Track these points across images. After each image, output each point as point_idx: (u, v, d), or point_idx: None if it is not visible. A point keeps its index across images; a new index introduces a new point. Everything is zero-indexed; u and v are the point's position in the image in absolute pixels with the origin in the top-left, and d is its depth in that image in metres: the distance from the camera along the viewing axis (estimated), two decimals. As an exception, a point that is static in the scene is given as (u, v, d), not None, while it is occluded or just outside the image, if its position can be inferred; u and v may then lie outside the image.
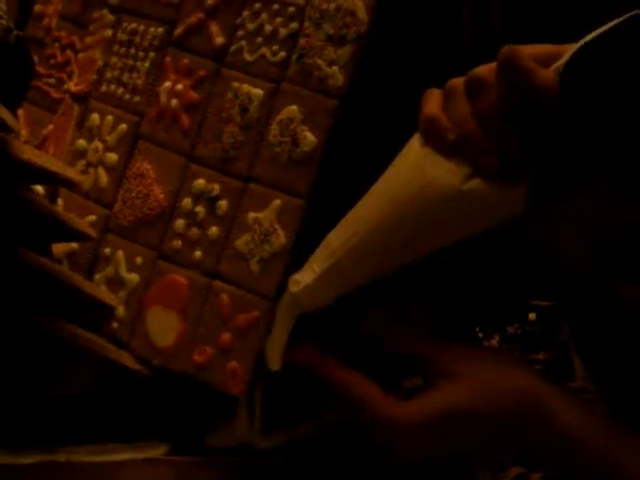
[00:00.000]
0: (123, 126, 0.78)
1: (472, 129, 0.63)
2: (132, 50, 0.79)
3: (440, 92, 0.66)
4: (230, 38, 0.76)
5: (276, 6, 0.74)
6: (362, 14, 0.71)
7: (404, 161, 0.67)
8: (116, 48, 0.80)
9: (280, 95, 0.73)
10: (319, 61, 0.72)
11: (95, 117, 0.80)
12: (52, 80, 0.84)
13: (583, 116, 0.59)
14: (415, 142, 0.67)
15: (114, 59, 0.80)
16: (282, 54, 0.74)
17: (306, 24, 0.73)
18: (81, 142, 0.80)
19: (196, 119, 0.76)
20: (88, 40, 0.82)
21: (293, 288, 0.70)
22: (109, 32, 0.80)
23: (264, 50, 0.74)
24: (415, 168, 0.66)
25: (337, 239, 0.69)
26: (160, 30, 0.78)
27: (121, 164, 0.78)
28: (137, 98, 0.78)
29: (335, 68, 0.71)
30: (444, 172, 0.64)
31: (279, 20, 0.74)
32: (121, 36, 0.80)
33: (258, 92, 0.74)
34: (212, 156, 0.75)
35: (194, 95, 0.76)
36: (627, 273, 0.64)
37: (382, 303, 0.71)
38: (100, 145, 0.79)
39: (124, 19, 0.80)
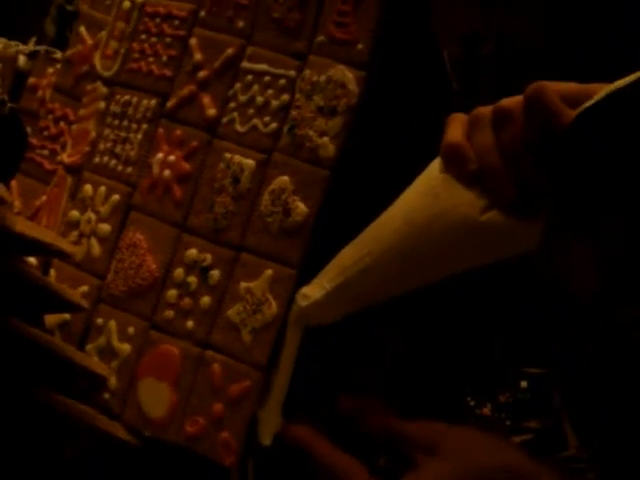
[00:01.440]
0: (116, 197, 0.79)
1: (494, 161, 0.62)
2: (125, 122, 0.80)
3: (465, 118, 0.65)
4: (222, 110, 0.77)
5: (267, 78, 0.75)
6: (352, 86, 0.72)
7: (422, 185, 0.67)
8: (109, 120, 0.81)
9: (272, 166, 0.74)
10: (310, 132, 0.73)
11: (88, 188, 0.80)
12: (45, 152, 0.85)
13: (600, 159, 0.59)
14: (435, 167, 0.66)
15: (107, 131, 0.81)
16: (274, 125, 0.75)
17: (297, 96, 0.74)
18: (74, 213, 0.80)
19: (188, 190, 0.77)
20: (81, 112, 0.83)
21: (302, 302, 0.71)
22: (102, 104, 0.81)
23: (256, 121, 0.75)
24: (433, 194, 0.65)
25: (350, 257, 0.69)
26: (153, 102, 0.79)
27: (114, 235, 0.79)
28: (130, 169, 0.79)
29: (326, 139, 0.72)
30: (462, 201, 0.64)
31: (270, 92, 0.75)
32: (114, 108, 0.81)
33: (250, 163, 0.75)
34: (204, 226, 0.76)
35: (186, 166, 0.77)
36: None
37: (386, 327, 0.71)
38: (93, 216, 0.79)
39: (117, 91, 0.81)
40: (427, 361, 0.77)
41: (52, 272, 0.80)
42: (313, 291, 0.70)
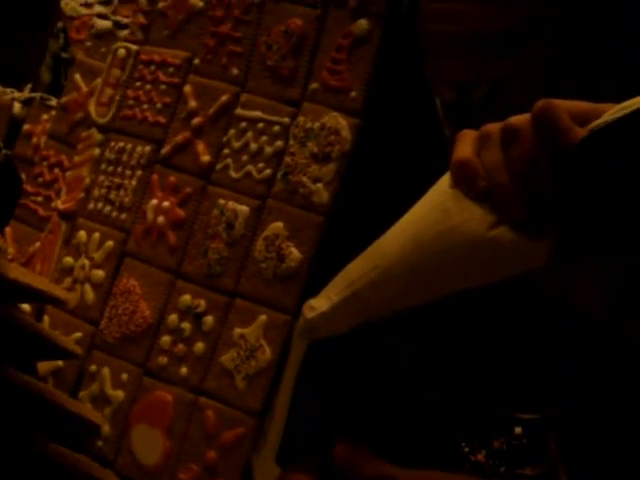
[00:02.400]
0: (110, 243, 0.79)
1: (503, 178, 0.62)
2: (119, 168, 0.80)
3: (475, 135, 0.65)
4: (216, 156, 0.77)
5: (261, 125, 0.76)
6: (346, 133, 0.72)
7: (431, 200, 0.66)
8: (104, 166, 0.81)
9: (266, 212, 0.74)
10: (304, 178, 0.73)
11: (82, 234, 0.80)
12: (40, 198, 0.85)
13: (609, 179, 0.58)
14: (444, 183, 0.66)
15: (101, 177, 0.81)
16: (267, 172, 0.75)
17: (291, 142, 0.74)
18: (68, 259, 0.80)
19: (182, 236, 0.77)
20: (76, 159, 0.83)
21: (308, 314, 0.70)
22: (97, 151, 0.82)
23: (250, 168, 0.76)
24: (441, 209, 0.65)
25: (357, 270, 0.69)
26: (147, 148, 0.80)
27: (108, 281, 0.79)
28: (124, 215, 0.79)
29: (320, 185, 0.73)
30: (471, 217, 0.63)
31: (264, 138, 0.76)
32: (109, 155, 0.81)
33: (244, 209, 0.75)
34: (198, 272, 0.76)
35: (180, 212, 0.77)
36: None
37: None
38: (87, 262, 0.79)
39: (112, 138, 0.81)
40: (422, 405, 0.77)
41: (46, 318, 0.80)
42: (320, 303, 0.70)
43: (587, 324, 0.67)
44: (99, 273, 0.79)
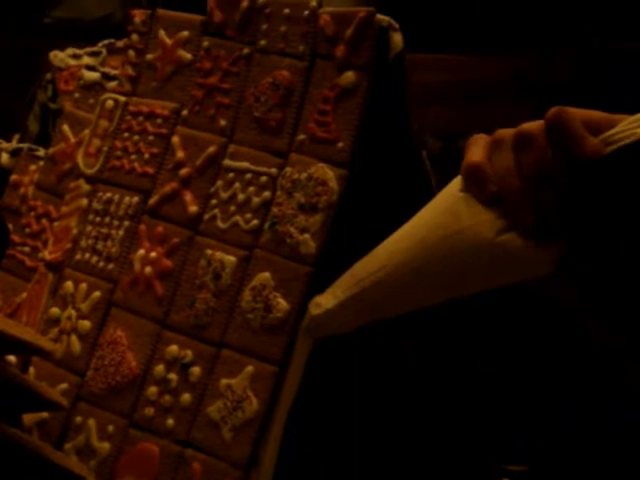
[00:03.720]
0: (97, 294, 0.79)
1: (514, 184, 0.62)
2: (107, 219, 0.80)
3: (487, 139, 0.65)
4: (204, 206, 0.77)
5: (249, 175, 0.76)
6: (333, 184, 0.73)
7: (441, 202, 0.67)
8: (91, 217, 0.81)
9: (253, 262, 0.74)
10: (291, 229, 0.73)
11: (69, 285, 0.80)
12: (27, 249, 0.85)
13: (623, 196, 0.59)
14: (454, 186, 0.66)
15: (89, 228, 0.81)
16: (255, 222, 0.75)
17: (278, 193, 0.75)
18: (54, 310, 0.80)
19: (169, 286, 0.77)
20: (64, 209, 0.83)
21: (314, 311, 0.71)
22: (84, 201, 0.82)
23: (237, 218, 0.76)
24: (451, 212, 0.65)
25: (364, 269, 0.69)
26: (135, 199, 0.80)
27: (94, 331, 0.78)
28: (111, 266, 0.79)
29: (307, 235, 0.73)
30: (480, 220, 0.64)
31: (252, 189, 0.76)
32: (96, 205, 0.81)
33: (231, 259, 0.75)
34: (185, 322, 0.76)
35: (168, 263, 0.77)
36: None
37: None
38: (73, 313, 0.79)
39: (99, 189, 0.81)
40: (411, 457, 0.76)
41: (31, 370, 0.79)
42: (326, 300, 0.70)
43: (588, 354, 0.67)
44: (85, 324, 0.79)
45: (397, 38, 0.73)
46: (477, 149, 0.65)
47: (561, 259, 0.62)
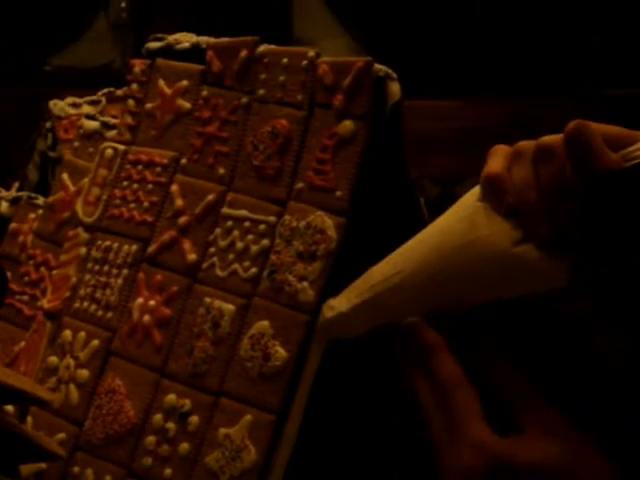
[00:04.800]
0: (95, 342, 0.79)
1: (531, 196, 0.62)
2: (105, 267, 0.80)
3: (507, 150, 0.65)
4: (202, 255, 0.77)
5: (247, 224, 0.76)
6: (332, 232, 0.73)
7: (459, 211, 0.67)
8: (90, 265, 0.81)
9: (251, 310, 0.74)
10: (290, 277, 0.73)
11: (67, 334, 0.80)
12: (25, 297, 0.85)
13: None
14: (473, 195, 0.67)
15: (87, 276, 0.81)
16: (253, 270, 0.75)
17: (277, 241, 0.75)
18: (53, 359, 0.80)
19: (168, 335, 0.76)
20: (62, 257, 0.83)
21: (327, 313, 0.71)
22: (83, 250, 0.82)
23: (236, 266, 0.76)
24: (468, 221, 0.66)
25: (380, 274, 0.69)
26: (134, 247, 0.80)
27: (92, 380, 0.78)
28: (110, 314, 0.79)
29: (305, 284, 0.73)
30: (497, 231, 0.64)
31: (250, 237, 0.76)
32: (95, 254, 0.81)
33: (230, 307, 0.75)
34: (183, 371, 0.75)
35: (166, 311, 0.77)
36: None
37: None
38: (72, 362, 0.79)
39: (98, 237, 0.82)
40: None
41: (29, 419, 0.79)
42: (340, 303, 0.71)
43: (598, 363, 0.67)
44: (84, 373, 0.78)
45: (394, 87, 0.74)
46: (497, 160, 0.65)
47: (577, 273, 0.62)
